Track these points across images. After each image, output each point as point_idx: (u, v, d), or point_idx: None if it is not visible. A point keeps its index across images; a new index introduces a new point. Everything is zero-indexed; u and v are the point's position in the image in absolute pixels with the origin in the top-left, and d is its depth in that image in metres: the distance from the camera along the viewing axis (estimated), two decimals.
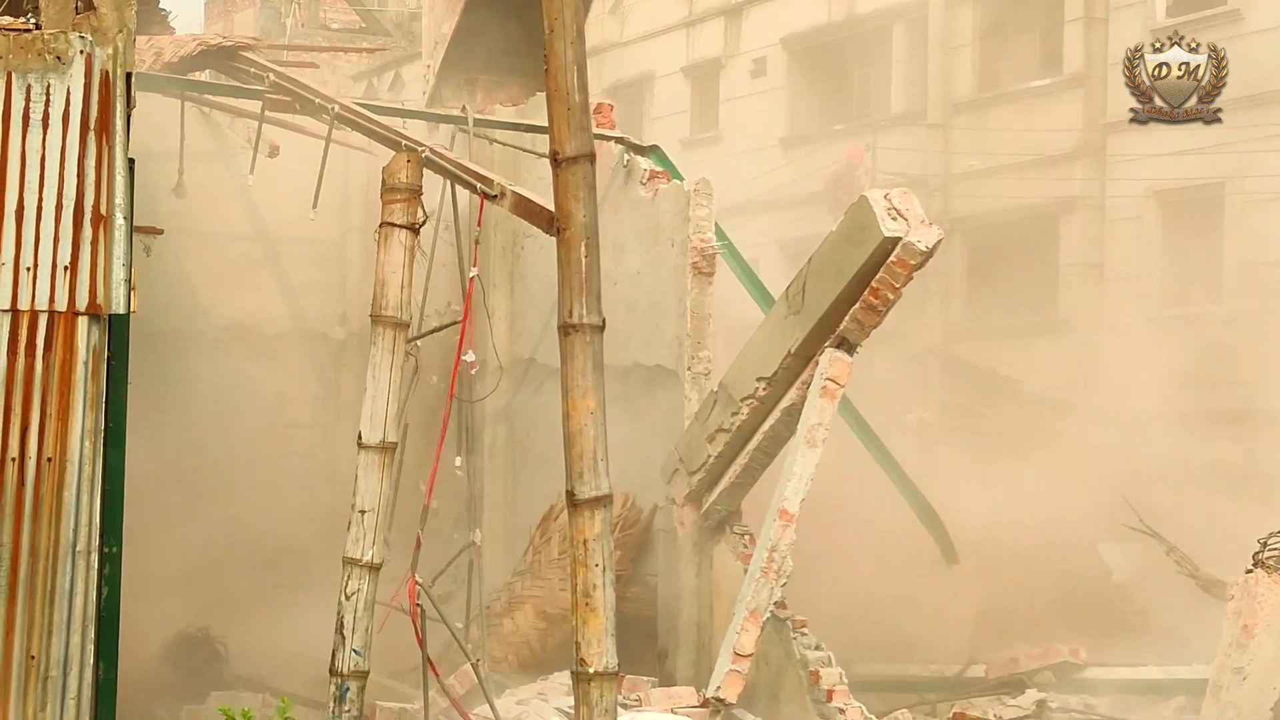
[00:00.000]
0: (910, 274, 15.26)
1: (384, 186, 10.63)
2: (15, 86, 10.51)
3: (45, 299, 10.42)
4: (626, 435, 18.30)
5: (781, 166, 34.17)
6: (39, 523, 10.28)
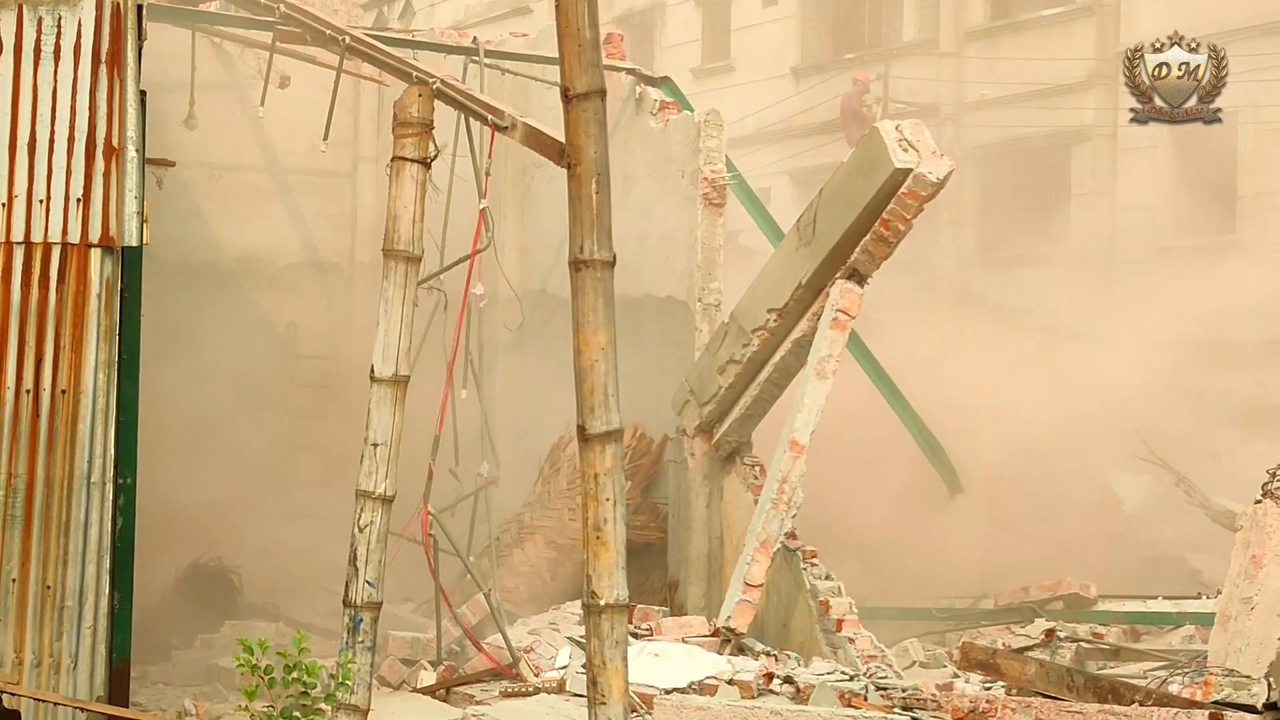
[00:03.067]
0: (921, 205, 15.28)
1: (395, 121, 10.64)
2: (26, 19, 10.54)
3: (58, 231, 10.48)
4: (637, 366, 18.34)
5: (793, 96, 34.03)
6: (53, 454, 10.37)
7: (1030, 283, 28.01)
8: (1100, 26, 29.81)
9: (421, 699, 14.41)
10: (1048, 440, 21.08)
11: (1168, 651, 16.84)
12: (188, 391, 19.39)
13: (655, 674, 14.17)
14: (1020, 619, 18.39)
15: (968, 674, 14.86)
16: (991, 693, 13.90)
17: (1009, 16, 31.59)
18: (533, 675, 14.61)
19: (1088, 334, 25.31)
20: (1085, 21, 30.10)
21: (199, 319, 20.53)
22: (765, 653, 15.31)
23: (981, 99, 31.37)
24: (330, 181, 22.21)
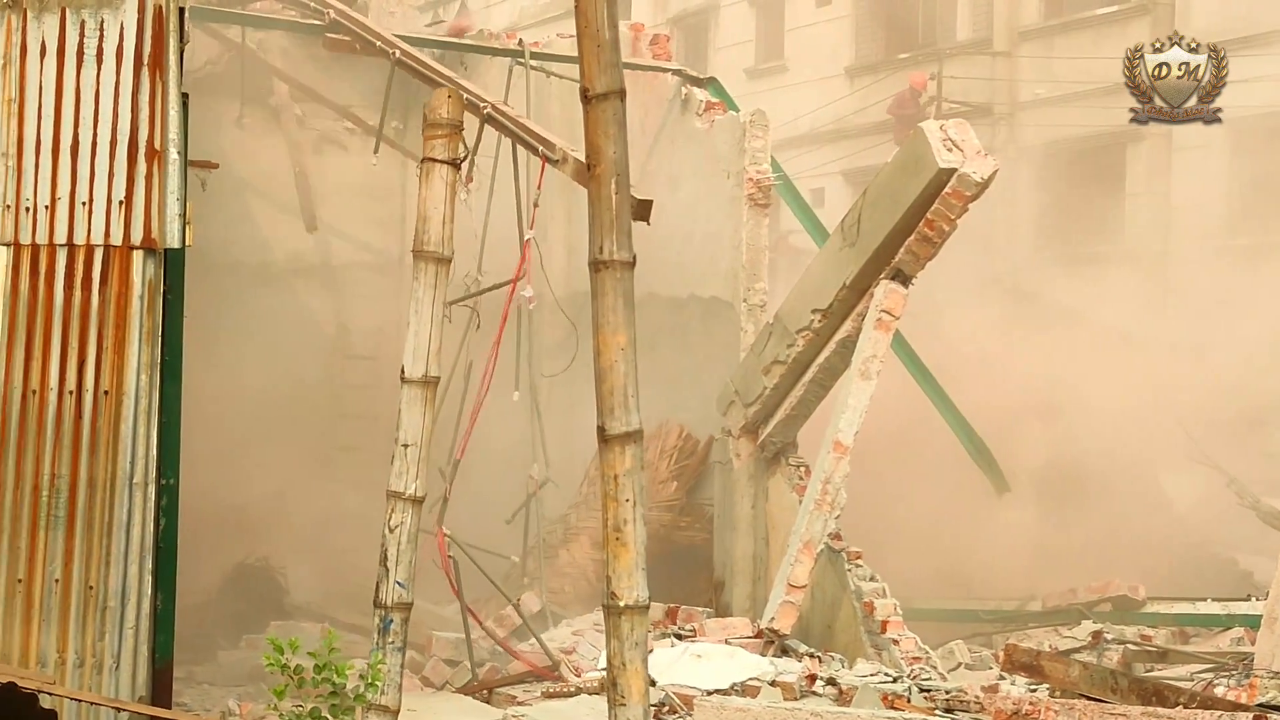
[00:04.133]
0: (965, 205, 15.25)
1: (425, 122, 10.67)
2: (69, 22, 10.59)
3: (101, 234, 10.51)
4: (682, 367, 18.39)
5: (846, 96, 33.98)
6: (96, 455, 10.39)
7: (1083, 282, 27.88)
8: (1155, 24, 29.64)
9: (463, 699, 14.45)
10: (1097, 440, 20.98)
11: (1216, 654, 16.73)
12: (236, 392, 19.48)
13: (697, 675, 14.18)
14: (1067, 621, 18.30)
15: (1013, 676, 14.80)
16: (1035, 695, 13.84)
17: (1063, 15, 31.47)
18: (574, 676, 14.64)
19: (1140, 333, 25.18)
20: (1140, 20, 29.95)
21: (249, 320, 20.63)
22: (809, 654, 15.29)
23: (1035, 98, 31.25)
24: (380, 183, 22.27)
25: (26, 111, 10.49)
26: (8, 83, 10.50)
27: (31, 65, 10.51)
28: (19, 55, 10.51)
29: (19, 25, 10.52)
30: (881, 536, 17.61)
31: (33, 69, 10.51)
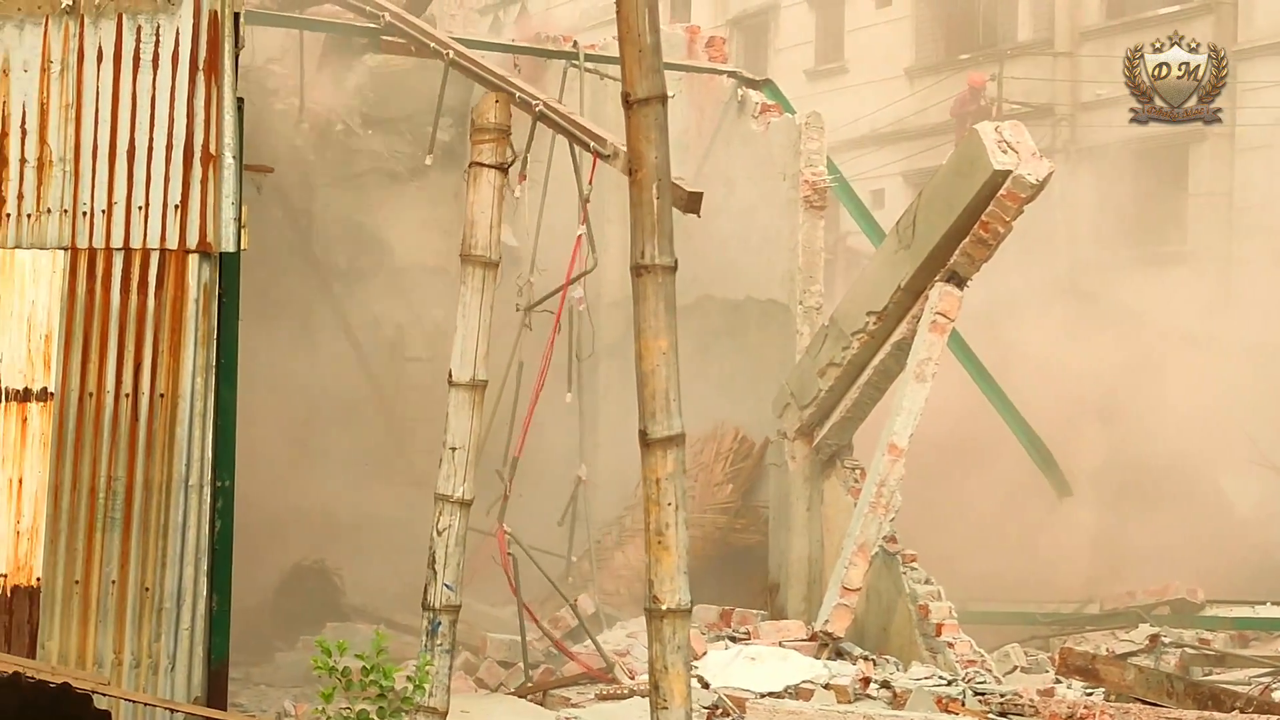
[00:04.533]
0: (1021, 207, 15.20)
1: (473, 126, 10.71)
2: (126, 28, 10.67)
3: (156, 237, 10.58)
4: (738, 369, 18.40)
5: (906, 97, 33.88)
6: (152, 457, 10.46)
7: (1145, 283, 27.73)
8: (1218, 24, 29.45)
9: (516, 701, 14.48)
10: (1158, 442, 20.87)
11: (1275, 658, 16.63)
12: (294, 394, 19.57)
13: (751, 678, 14.18)
14: (1125, 624, 18.22)
15: (1068, 679, 14.76)
16: (1091, 699, 13.80)
17: (1125, 15, 31.28)
18: (627, 678, 14.66)
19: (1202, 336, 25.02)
20: (1203, 19, 29.74)
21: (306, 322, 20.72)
22: (863, 657, 15.28)
23: (1097, 98, 31.08)
24: (437, 185, 22.34)
25: (83, 116, 10.59)
26: (65, 88, 10.60)
27: (88, 70, 10.60)
28: (76, 61, 10.61)
29: (76, 31, 10.61)
30: (937, 539, 17.57)
31: (90, 74, 10.60)
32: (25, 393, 10.44)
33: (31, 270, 10.48)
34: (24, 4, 10.57)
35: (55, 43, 10.59)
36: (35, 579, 10.31)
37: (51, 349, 10.45)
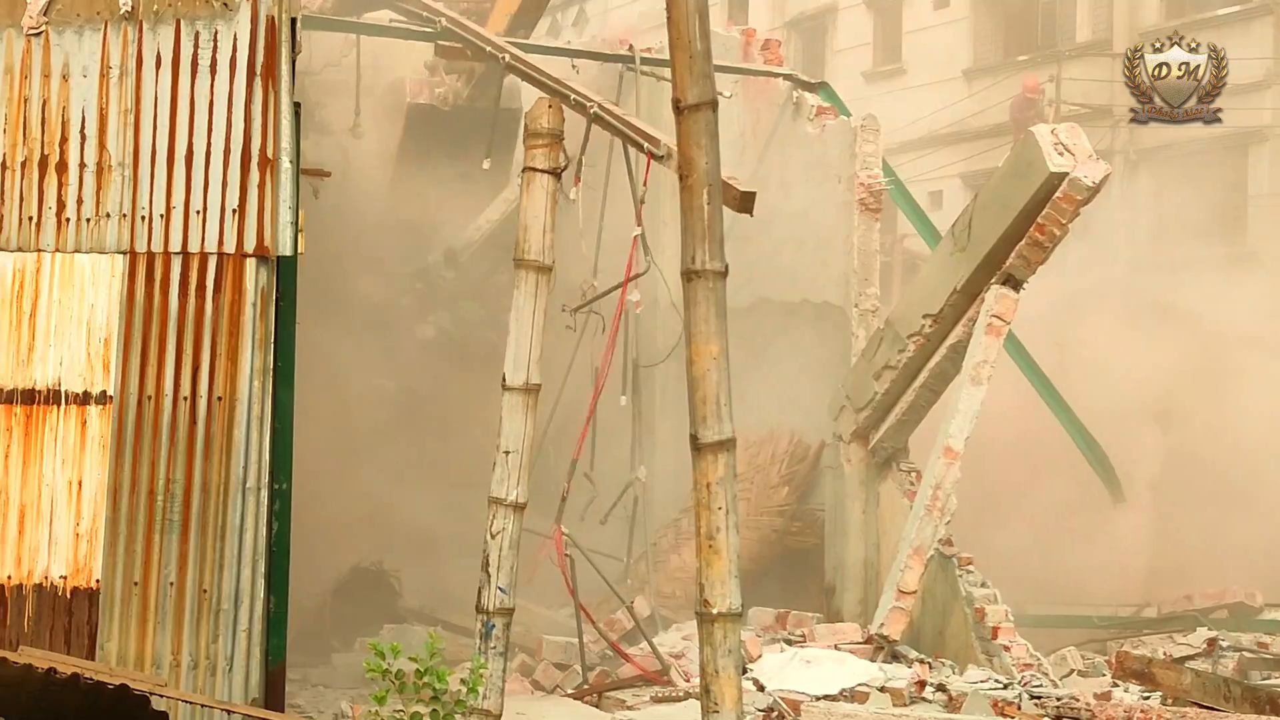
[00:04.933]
0: (1077, 210, 15.15)
1: (526, 132, 10.75)
2: (184, 33, 10.76)
3: (214, 241, 10.67)
4: (793, 372, 18.39)
5: (965, 99, 33.78)
6: (210, 460, 10.54)
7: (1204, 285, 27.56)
8: (1278, 25, 29.27)
9: (572, 704, 14.51)
10: (1216, 445, 20.74)
11: None
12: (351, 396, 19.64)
13: (806, 680, 14.18)
14: (1183, 627, 18.12)
15: (1125, 683, 14.69)
16: (1148, 703, 13.74)
17: (1184, 16, 31.10)
18: (683, 681, 14.67)
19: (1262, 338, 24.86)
20: (1263, 20, 29.57)
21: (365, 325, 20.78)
22: (919, 660, 15.25)
23: None
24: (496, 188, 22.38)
25: (142, 122, 10.68)
26: (124, 94, 10.69)
27: (147, 76, 10.69)
28: (135, 66, 10.70)
29: (135, 37, 10.71)
30: (994, 542, 17.52)
31: (148, 80, 10.69)
32: (85, 396, 10.54)
33: (91, 274, 10.57)
34: (83, 10, 10.67)
35: (114, 48, 10.68)
36: (95, 581, 10.40)
37: (110, 352, 10.53)
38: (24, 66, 10.66)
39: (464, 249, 22.17)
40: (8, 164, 10.63)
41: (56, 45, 10.64)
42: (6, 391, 10.52)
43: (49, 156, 10.64)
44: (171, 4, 10.67)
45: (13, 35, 10.66)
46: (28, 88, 10.66)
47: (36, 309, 10.58)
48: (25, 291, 10.57)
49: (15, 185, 10.63)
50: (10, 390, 10.52)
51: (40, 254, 10.60)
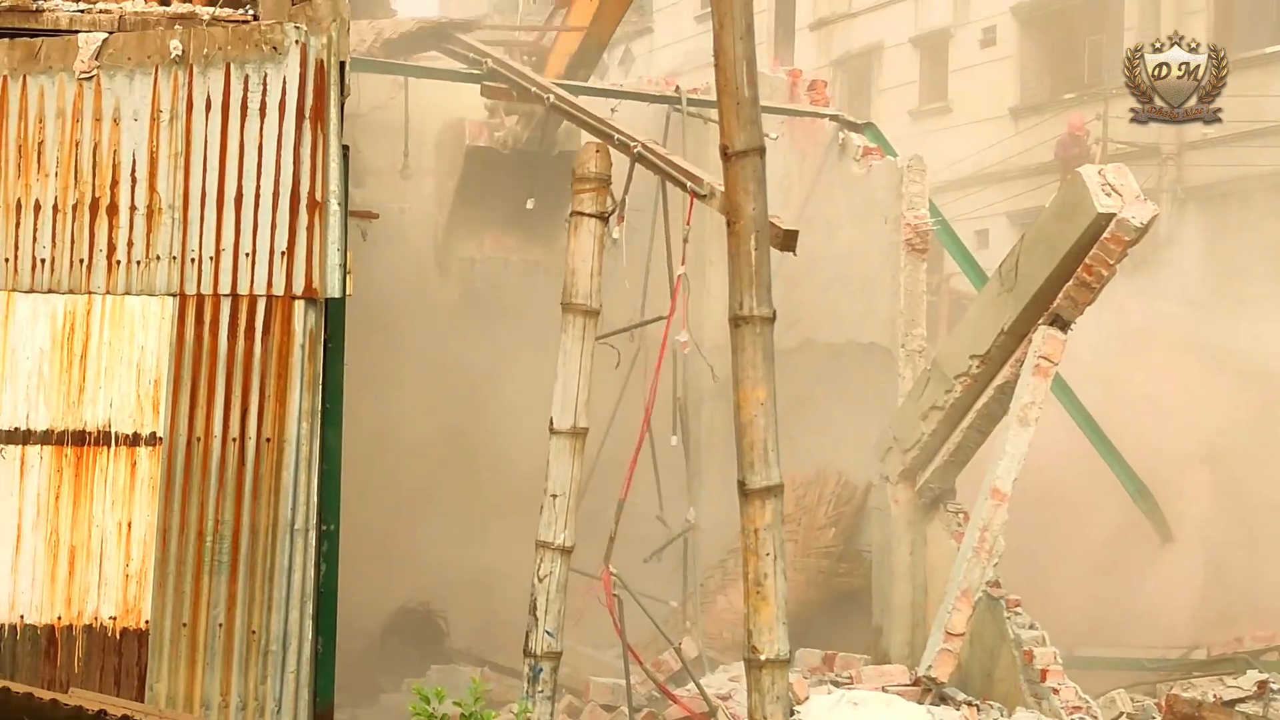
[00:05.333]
0: (1125, 250, 15.10)
1: (574, 176, 10.77)
2: (234, 77, 10.80)
3: (263, 284, 10.69)
4: (840, 412, 18.36)
5: (1011, 137, 33.73)
6: (259, 501, 10.56)
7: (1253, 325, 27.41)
8: None
9: None
10: (1265, 485, 20.60)
11: None
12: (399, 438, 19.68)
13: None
14: (1233, 670, 17.98)
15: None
16: None
17: (1231, 54, 30.97)
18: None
19: None
20: None
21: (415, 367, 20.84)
22: (967, 702, 15.18)
23: (1204, 138, 30.80)
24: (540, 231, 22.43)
25: (192, 165, 10.73)
26: (174, 137, 10.74)
27: (197, 119, 10.75)
28: (185, 110, 10.75)
29: (185, 81, 10.76)
30: (1042, 583, 17.43)
31: (198, 123, 10.74)
32: (134, 437, 10.57)
33: (141, 316, 10.62)
34: (135, 55, 10.74)
35: (165, 92, 10.74)
36: (144, 622, 10.42)
37: (160, 394, 10.57)
38: (76, 110, 10.72)
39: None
40: (59, 207, 10.69)
41: (108, 89, 10.70)
42: (57, 433, 10.56)
43: (100, 199, 10.70)
44: (222, 48, 10.72)
45: (65, 80, 10.73)
46: (79, 131, 10.72)
47: (87, 351, 10.63)
48: (76, 334, 10.63)
49: (66, 228, 10.69)
50: (61, 432, 10.57)
51: (91, 296, 10.65)
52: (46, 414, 10.55)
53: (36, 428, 10.55)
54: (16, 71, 10.74)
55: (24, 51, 10.77)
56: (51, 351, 10.61)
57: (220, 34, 10.77)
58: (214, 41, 10.73)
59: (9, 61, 10.75)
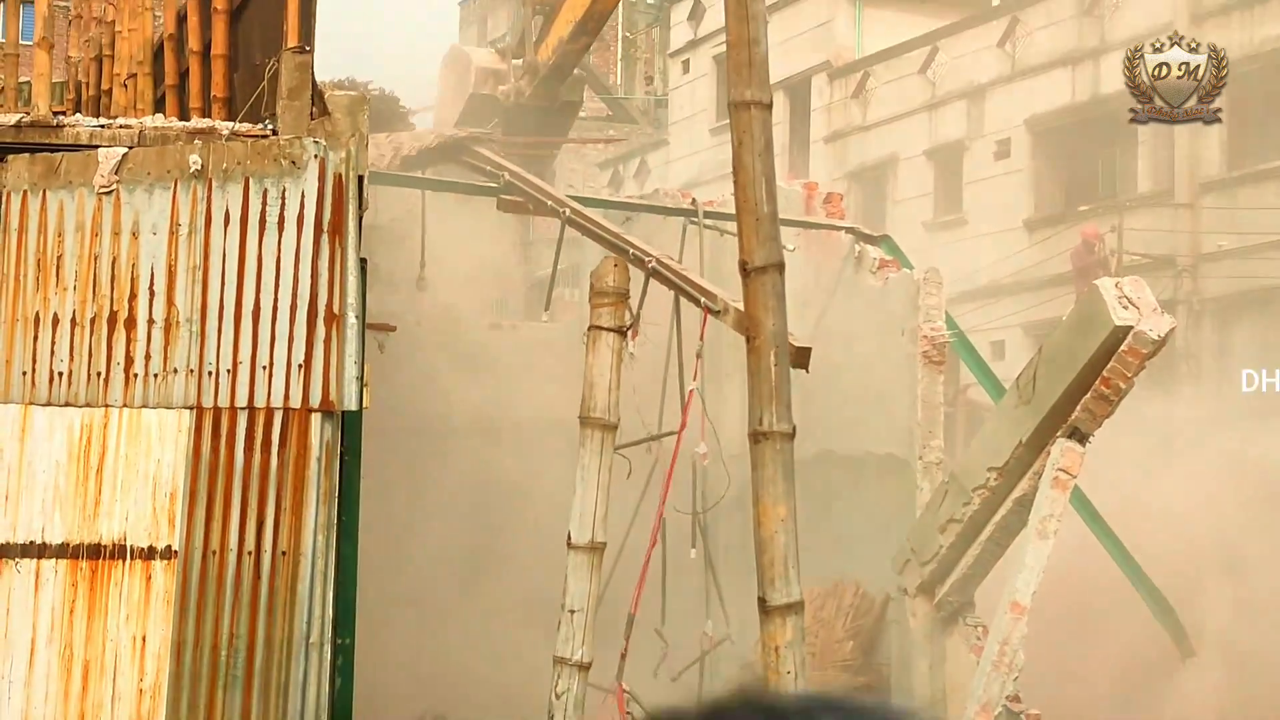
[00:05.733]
0: (1143, 363, 15.09)
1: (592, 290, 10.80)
2: (253, 191, 10.84)
3: (280, 397, 10.68)
4: (857, 524, 18.30)
5: (1026, 249, 33.82)
6: (274, 615, 10.50)
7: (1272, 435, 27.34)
8: None
9: None
10: None
11: None
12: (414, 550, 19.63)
13: None
14: None
15: None
16: None
17: (1245, 167, 31.14)
18: None
19: None
20: None
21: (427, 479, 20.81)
22: None
23: (1219, 250, 30.89)
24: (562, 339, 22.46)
25: (210, 278, 10.75)
26: (193, 250, 10.77)
27: (215, 233, 10.78)
28: (204, 224, 10.79)
29: (204, 194, 10.81)
30: (1062, 698, 17.28)
31: (216, 236, 10.77)
32: (150, 550, 10.54)
33: (158, 429, 10.61)
34: (154, 169, 10.79)
35: (184, 206, 10.78)
36: None
37: (176, 507, 10.55)
38: (95, 224, 10.77)
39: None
40: (77, 320, 10.72)
41: (127, 203, 10.74)
42: (72, 546, 10.54)
43: (118, 313, 10.72)
44: (241, 163, 10.76)
45: (84, 194, 10.78)
46: (98, 245, 10.76)
47: (104, 464, 10.61)
48: (93, 446, 10.62)
49: (84, 341, 10.71)
50: (76, 545, 10.54)
51: (108, 409, 10.65)
52: (62, 527, 10.53)
53: (52, 541, 10.53)
54: (37, 186, 10.79)
55: (44, 166, 10.83)
56: (68, 464, 10.60)
57: (239, 149, 10.82)
58: (233, 156, 10.77)
59: (30, 176, 10.81)
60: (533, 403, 22.20)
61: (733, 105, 9.49)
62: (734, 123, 9.09)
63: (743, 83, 9.37)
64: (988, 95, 36.04)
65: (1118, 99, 32.89)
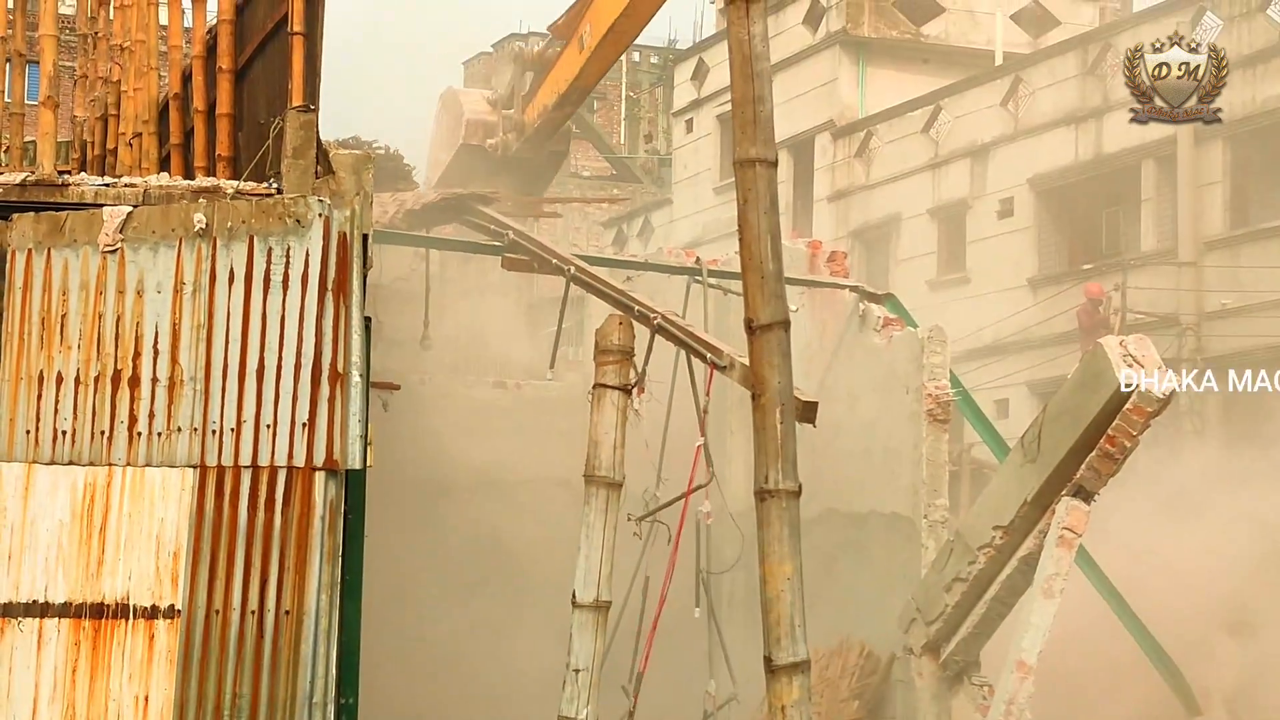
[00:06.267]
0: (1148, 421, 15.04)
1: (597, 348, 10.80)
2: (257, 249, 10.83)
3: (284, 455, 10.64)
4: (862, 583, 18.26)
5: (1030, 307, 33.86)
6: (277, 675, 10.45)
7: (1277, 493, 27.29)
8: None
9: None
10: None
11: None
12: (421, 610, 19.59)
13: None
14: None
15: None
16: None
17: (1249, 225, 31.19)
18: None
19: None
20: None
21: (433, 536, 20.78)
22: None
23: (1223, 308, 30.91)
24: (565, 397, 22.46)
25: (214, 336, 10.73)
26: (197, 309, 10.76)
27: (220, 291, 10.76)
28: (209, 282, 10.78)
29: (209, 253, 10.80)
30: None
31: (221, 295, 10.76)
32: (153, 610, 10.50)
33: (161, 488, 10.59)
34: (159, 228, 10.79)
35: (188, 264, 10.77)
36: None
37: (179, 566, 10.51)
38: (99, 283, 10.77)
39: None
40: (81, 379, 10.71)
41: (131, 262, 10.74)
42: (75, 605, 10.50)
43: (122, 371, 10.71)
44: (245, 221, 10.77)
45: (89, 252, 10.79)
46: (102, 303, 10.75)
47: (107, 523, 10.59)
48: (96, 505, 10.59)
49: (88, 400, 10.69)
50: (79, 604, 10.51)
51: (111, 468, 10.63)
52: (65, 586, 10.50)
53: (55, 600, 10.49)
54: (41, 244, 10.80)
55: (49, 225, 10.84)
56: (71, 523, 10.58)
57: (244, 207, 10.83)
58: (238, 215, 10.78)
59: (35, 235, 10.82)
60: (537, 461, 22.18)
61: (738, 163, 9.53)
62: (739, 180, 9.12)
63: (748, 140, 9.40)
64: (991, 154, 36.15)
65: (1121, 156, 33.06)
